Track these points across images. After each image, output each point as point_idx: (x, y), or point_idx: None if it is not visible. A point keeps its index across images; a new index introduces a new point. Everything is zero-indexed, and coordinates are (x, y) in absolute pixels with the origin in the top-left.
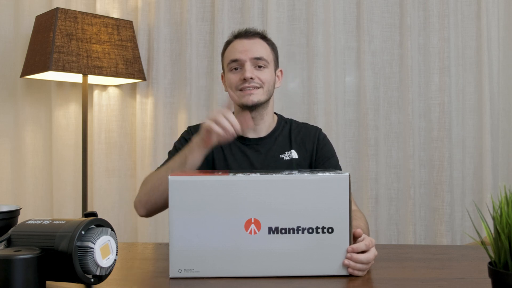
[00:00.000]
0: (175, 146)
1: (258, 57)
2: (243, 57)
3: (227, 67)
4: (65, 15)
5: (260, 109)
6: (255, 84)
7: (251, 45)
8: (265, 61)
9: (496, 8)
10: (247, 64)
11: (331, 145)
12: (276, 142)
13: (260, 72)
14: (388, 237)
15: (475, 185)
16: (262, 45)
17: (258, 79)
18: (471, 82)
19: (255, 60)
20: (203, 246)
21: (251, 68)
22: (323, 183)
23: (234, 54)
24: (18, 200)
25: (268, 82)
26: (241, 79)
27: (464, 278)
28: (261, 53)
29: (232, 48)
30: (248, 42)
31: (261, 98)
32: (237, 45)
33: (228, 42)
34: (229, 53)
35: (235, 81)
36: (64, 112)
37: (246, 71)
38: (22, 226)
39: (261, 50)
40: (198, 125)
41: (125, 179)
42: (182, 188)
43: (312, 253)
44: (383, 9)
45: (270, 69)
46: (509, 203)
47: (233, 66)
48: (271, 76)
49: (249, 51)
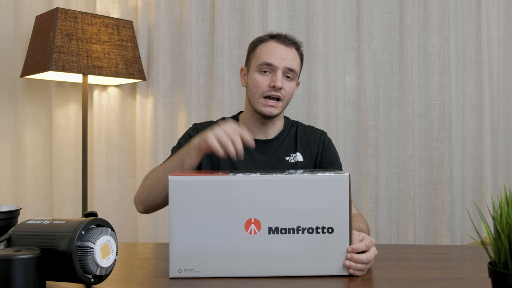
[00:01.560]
0: (179, 143)
1: (291, 69)
2: (278, 64)
3: (256, 66)
4: (65, 15)
5: (274, 118)
6: (280, 94)
7: (287, 54)
8: (295, 74)
9: (496, 8)
10: (279, 72)
11: (335, 150)
12: (283, 144)
13: (287, 83)
14: (388, 237)
15: (475, 185)
16: (295, 56)
17: (284, 90)
18: (471, 82)
19: (287, 70)
20: (203, 246)
21: (281, 77)
22: (323, 183)
23: (270, 58)
24: (18, 200)
25: (289, 94)
26: (269, 85)
27: (464, 278)
28: (294, 65)
29: (268, 49)
30: (285, 50)
31: (279, 112)
32: (274, 49)
33: (261, 40)
34: (264, 53)
35: (263, 86)
36: (64, 112)
37: (277, 80)
38: (22, 226)
39: (294, 62)
40: (204, 123)
41: (125, 179)
42: (182, 188)
43: (312, 253)
44: (383, 9)
45: (295, 81)
46: (509, 203)
47: (264, 68)
48: (294, 88)
49: (285, 60)
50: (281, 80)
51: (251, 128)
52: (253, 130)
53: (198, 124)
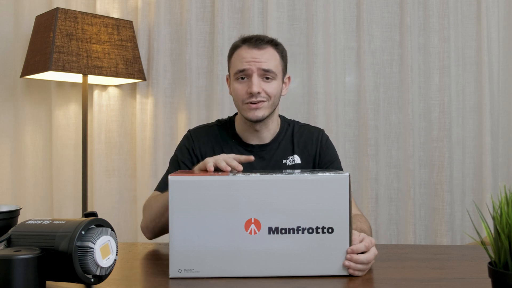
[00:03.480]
0: (176, 156)
1: (266, 70)
2: (251, 67)
3: (233, 75)
4: (65, 15)
5: (265, 120)
6: (262, 98)
7: (260, 55)
8: (273, 73)
9: (496, 8)
10: (254, 77)
11: (333, 148)
12: (279, 147)
13: (267, 85)
14: (388, 237)
15: (475, 185)
16: (272, 55)
17: (264, 92)
18: (471, 82)
19: (263, 72)
20: (203, 246)
21: (258, 81)
22: (323, 183)
23: (242, 64)
24: (18, 200)
25: (274, 94)
26: (247, 92)
27: (464, 278)
28: (270, 65)
29: (240, 56)
30: (258, 52)
31: (266, 113)
32: (245, 54)
33: (236, 46)
34: (237, 61)
35: (242, 93)
36: (64, 112)
37: (253, 85)
38: (22, 226)
39: (270, 62)
40: (198, 128)
41: (125, 179)
42: (182, 188)
43: (312, 253)
44: (383, 9)
45: (278, 80)
46: (509, 203)
47: (239, 75)
48: (278, 87)
49: (258, 62)
50: (257, 85)
51: (245, 133)
52: (247, 136)
53: (193, 131)
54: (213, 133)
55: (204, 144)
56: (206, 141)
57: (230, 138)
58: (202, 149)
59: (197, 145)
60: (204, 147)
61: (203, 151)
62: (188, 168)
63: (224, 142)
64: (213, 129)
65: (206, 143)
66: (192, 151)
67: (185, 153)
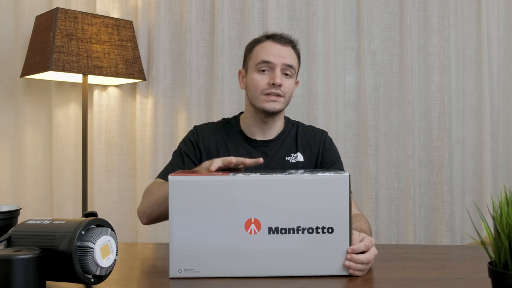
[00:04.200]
0: (180, 148)
1: (289, 65)
2: (276, 61)
3: (254, 66)
4: (65, 15)
5: (275, 115)
6: (280, 91)
7: (284, 51)
8: (293, 70)
9: (496, 8)
10: (278, 69)
11: (336, 149)
12: (283, 144)
13: (286, 81)
14: (388, 237)
15: (475, 185)
16: (292, 53)
17: (284, 87)
18: (471, 82)
19: (285, 67)
20: (203, 246)
21: (280, 74)
22: (323, 183)
23: (267, 56)
24: (18, 200)
25: (290, 91)
26: (269, 83)
27: (464, 278)
28: (292, 61)
29: (265, 48)
30: (282, 48)
31: (281, 107)
32: (271, 47)
33: (258, 41)
34: (261, 53)
35: (262, 84)
36: (64, 112)
37: (276, 77)
38: (22, 226)
39: (292, 59)
40: (205, 124)
41: (125, 179)
42: (182, 188)
43: (312, 253)
44: (383, 9)
45: (294, 79)
46: (509, 203)
47: (262, 67)
48: (293, 85)
49: (283, 57)
50: (280, 77)
51: (252, 128)
52: (253, 131)
53: (198, 127)
54: (218, 130)
55: (208, 139)
56: (210, 136)
57: (235, 134)
58: (206, 144)
59: (201, 139)
60: (208, 141)
61: (206, 146)
62: (191, 159)
63: (228, 138)
64: (218, 126)
65: (210, 138)
66: (196, 145)
67: (189, 145)
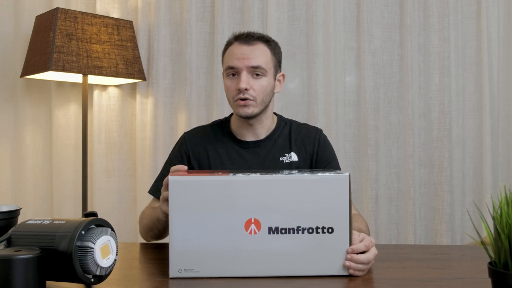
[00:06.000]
0: (170, 158)
1: (255, 66)
2: (239, 65)
3: (224, 71)
4: (65, 15)
5: (258, 115)
6: (249, 95)
7: (250, 52)
8: (263, 70)
9: (496, 8)
10: (243, 74)
11: (331, 147)
12: (276, 144)
13: (256, 82)
14: (388, 237)
15: (475, 185)
16: (263, 51)
17: (253, 90)
18: (471, 82)
19: (252, 69)
20: (203, 246)
21: (247, 77)
22: (323, 183)
23: (232, 61)
24: (18, 200)
25: (263, 92)
26: (236, 88)
27: (464, 278)
28: (260, 61)
29: (231, 52)
30: (248, 49)
31: (255, 110)
32: (236, 50)
33: (228, 44)
34: (227, 57)
35: (231, 90)
36: (64, 112)
37: (241, 82)
38: (22, 226)
39: (260, 58)
40: (193, 130)
41: (125, 179)
42: (182, 188)
43: (312, 253)
44: (383, 9)
45: (269, 77)
46: (509, 203)
47: (229, 72)
48: (269, 84)
49: (247, 59)
50: (246, 81)
51: (240, 130)
52: (242, 132)
53: (187, 134)
54: (207, 133)
55: (197, 145)
56: (198, 142)
57: (224, 136)
58: (195, 150)
59: (190, 147)
60: (197, 148)
61: (195, 152)
62: None
63: (218, 141)
64: (207, 129)
65: (199, 143)
66: (184, 153)
67: (178, 155)
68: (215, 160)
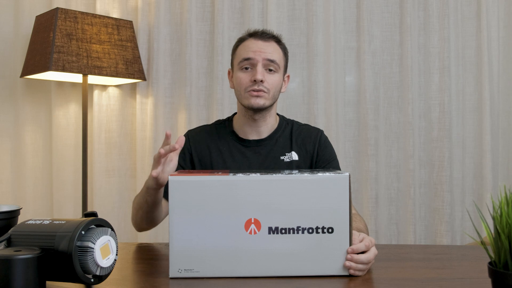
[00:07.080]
0: None
1: (271, 60)
2: (256, 57)
3: (237, 65)
4: (65, 15)
5: (264, 112)
6: (263, 87)
7: (265, 47)
8: (277, 65)
9: (496, 8)
10: (259, 66)
11: (332, 148)
12: (277, 143)
13: (270, 76)
14: (388, 237)
15: (475, 185)
16: (276, 48)
17: (267, 83)
18: (471, 82)
19: (267, 62)
20: (203, 246)
21: (262, 70)
22: (323, 183)
23: (248, 53)
24: (18, 200)
25: (275, 87)
26: (251, 80)
27: (464, 278)
28: (275, 56)
29: (246, 46)
30: (263, 44)
31: (267, 103)
32: (252, 44)
33: (241, 40)
34: (242, 51)
35: (245, 82)
36: (64, 112)
37: (257, 73)
38: (22, 226)
39: (275, 54)
40: (198, 128)
41: (125, 179)
42: (182, 188)
43: (312, 253)
44: (383, 9)
45: (280, 74)
46: (509, 203)
47: (244, 64)
48: (279, 80)
49: (263, 52)
50: (262, 73)
51: (244, 128)
52: (246, 130)
53: (190, 132)
54: (210, 132)
55: (200, 143)
56: (201, 140)
57: (227, 135)
58: (198, 149)
59: (193, 145)
60: (200, 146)
61: (198, 150)
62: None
63: (220, 139)
64: (210, 128)
65: (201, 141)
66: (187, 150)
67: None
68: (217, 158)
